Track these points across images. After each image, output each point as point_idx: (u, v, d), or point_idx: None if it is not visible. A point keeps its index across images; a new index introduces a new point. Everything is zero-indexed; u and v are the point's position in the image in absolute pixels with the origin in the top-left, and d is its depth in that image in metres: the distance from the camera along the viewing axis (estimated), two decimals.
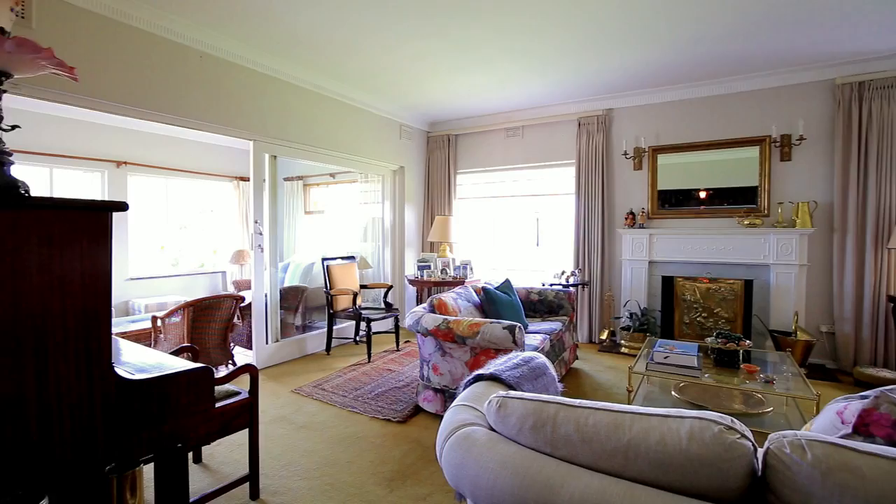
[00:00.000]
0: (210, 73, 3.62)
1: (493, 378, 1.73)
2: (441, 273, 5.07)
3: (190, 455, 2.45)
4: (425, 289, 5.43)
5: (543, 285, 4.42)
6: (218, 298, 3.64)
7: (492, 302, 3.53)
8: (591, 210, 5.09)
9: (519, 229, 5.88)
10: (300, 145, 4.46)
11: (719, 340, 3.01)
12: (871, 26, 3.36)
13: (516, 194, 5.80)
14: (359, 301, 4.70)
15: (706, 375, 2.85)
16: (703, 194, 4.67)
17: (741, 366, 2.94)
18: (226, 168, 6.62)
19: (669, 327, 4.75)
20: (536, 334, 3.37)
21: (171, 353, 2.31)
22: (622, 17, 3.23)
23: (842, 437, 1.12)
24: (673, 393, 3.08)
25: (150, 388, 1.49)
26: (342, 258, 4.93)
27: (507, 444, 1.22)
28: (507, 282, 3.90)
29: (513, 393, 1.35)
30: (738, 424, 1.00)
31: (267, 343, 4.23)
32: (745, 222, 4.36)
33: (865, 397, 1.14)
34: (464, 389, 1.70)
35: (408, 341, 4.98)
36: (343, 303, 4.63)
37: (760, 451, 0.99)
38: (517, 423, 1.24)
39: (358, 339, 4.89)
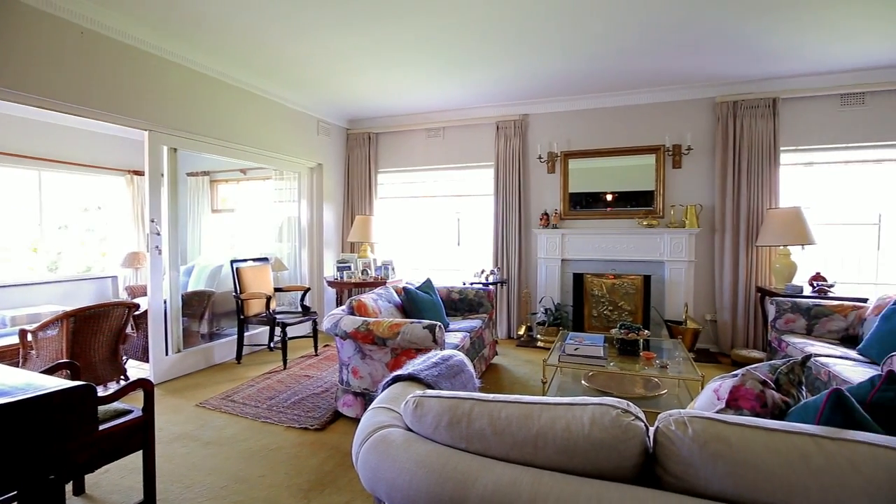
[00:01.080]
0: (93, 53, 3.19)
1: (412, 378, 1.72)
2: (362, 274, 4.97)
3: (70, 486, 2.15)
4: (345, 291, 5.29)
5: (464, 284, 4.50)
6: (106, 307, 3.24)
7: (413, 302, 3.52)
8: (509, 211, 5.28)
9: (441, 229, 5.95)
10: (205, 138, 4.11)
11: (622, 331, 3.27)
12: (742, 56, 3.87)
13: (438, 194, 5.86)
14: (273, 305, 4.45)
15: (611, 364, 3.09)
16: (609, 197, 5.06)
17: (641, 353, 3.22)
18: (117, 161, 5.91)
19: (580, 321, 5.09)
20: (457, 332, 3.42)
21: (44, 372, 2.01)
22: (536, 29, 3.40)
23: (717, 411, 1.27)
24: (583, 382, 3.29)
25: (11, 414, 1.28)
26: (254, 260, 4.63)
27: (424, 443, 1.22)
28: (428, 281, 3.92)
29: (429, 392, 1.35)
30: (632, 408, 1.09)
31: (167, 354, 3.84)
32: (644, 223, 4.80)
33: (735, 376, 1.30)
34: (382, 391, 1.68)
35: (327, 345, 4.81)
36: (255, 307, 4.36)
37: (652, 430, 1.08)
38: (433, 422, 1.24)
39: (273, 345, 4.63)
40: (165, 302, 3.82)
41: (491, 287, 4.46)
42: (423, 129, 5.74)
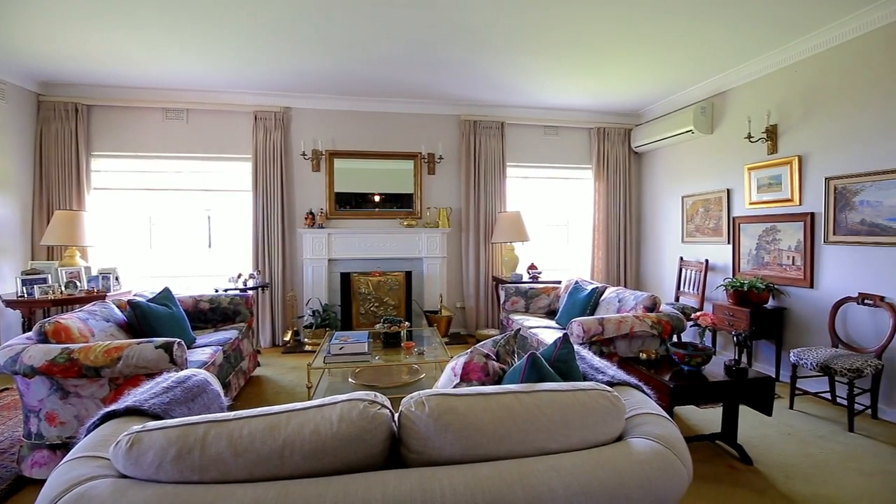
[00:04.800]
0: None
1: (132, 412, 1.40)
2: (66, 288, 3.80)
3: None
4: (36, 311, 3.95)
5: (217, 291, 3.96)
6: None
7: (144, 318, 2.88)
8: (270, 209, 4.92)
9: (187, 229, 5.09)
10: None
11: (385, 325, 3.44)
12: (479, 84, 4.58)
13: (182, 188, 4.99)
14: None
15: (376, 358, 3.21)
16: (377, 198, 5.27)
17: (402, 344, 3.45)
18: None
19: (349, 320, 5.15)
20: (206, 348, 2.97)
21: None
22: (295, 22, 3.23)
23: (454, 386, 1.44)
24: (350, 380, 3.32)
25: None
26: None
27: (144, 487, 1.00)
28: (165, 291, 3.28)
29: (151, 424, 1.11)
30: (379, 397, 1.12)
31: None
32: (405, 223, 5.19)
33: (466, 354, 1.50)
34: (86, 435, 1.31)
35: (7, 388, 3.51)
36: None
37: (398, 415, 1.13)
38: (155, 459, 1.02)
39: None
40: None
41: (250, 292, 4.06)
42: (158, 108, 4.79)
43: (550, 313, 4.51)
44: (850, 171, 3.31)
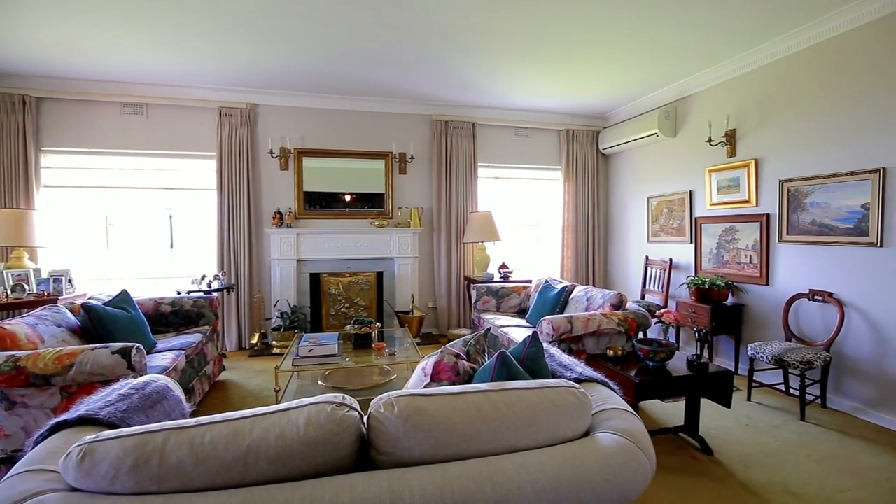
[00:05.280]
0: None
1: (85, 420, 1.33)
2: (13, 291, 3.58)
3: None
4: None
5: (179, 293, 3.82)
6: None
7: (100, 321, 2.75)
8: (236, 208, 4.77)
9: (146, 229, 4.89)
10: None
11: (356, 326, 3.40)
12: (450, 84, 4.57)
13: (141, 186, 4.79)
14: None
15: (347, 359, 3.17)
16: (347, 198, 5.20)
17: (373, 345, 3.42)
18: None
19: (318, 321, 5.06)
20: (167, 352, 2.85)
21: None
22: (259, 17, 3.14)
23: (425, 386, 1.43)
24: (320, 382, 3.26)
25: None
26: None
27: (97, 500, 0.96)
28: (123, 294, 3.13)
29: (105, 434, 1.06)
30: (348, 400, 1.10)
31: None
32: (376, 223, 5.14)
33: (436, 354, 1.50)
34: (33, 448, 1.24)
35: None
36: None
37: (367, 417, 1.12)
38: (111, 470, 0.98)
39: None
40: None
41: (215, 294, 3.93)
42: (116, 102, 4.57)
43: (521, 312, 4.56)
44: (801, 174, 3.49)
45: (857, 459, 2.49)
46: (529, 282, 4.94)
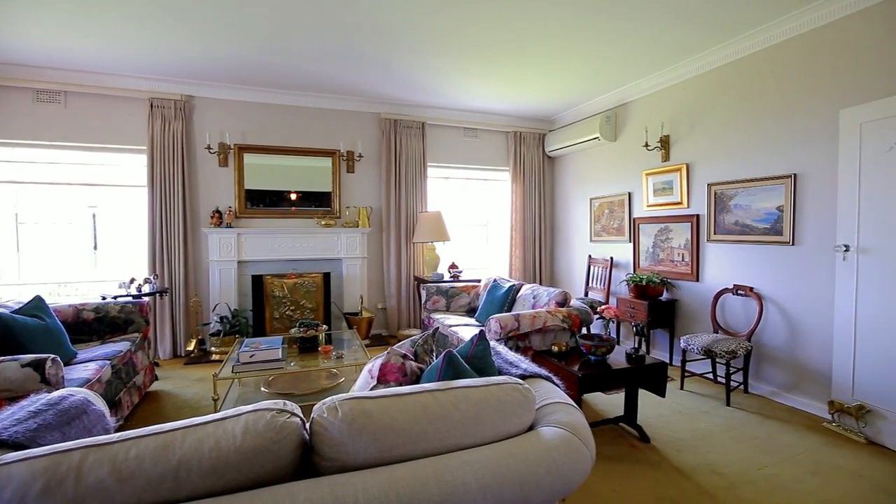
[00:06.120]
0: None
1: None
2: None
3: None
4: None
5: (105, 298, 3.52)
6: None
7: (8, 331, 2.47)
8: (170, 206, 4.47)
9: (66, 229, 4.47)
10: None
11: (301, 329, 3.29)
12: (399, 83, 4.53)
13: (59, 181, 4.37)
14: None
15: (292, 364, 3.05)
16: (293, 196, 5.01)
17: (320, 348, 3.32)
18: None
19: (261, 325, 4.85)
20: (90, 363, 2.62)
21: None
22: (198, 2, 2.96)
23: (371, 388, 1.41)
24: (263, 389, 3.13)
25: None
26: None
27: None
28: (37, 300, 2.84)
29: (9, 456, 0.96)
30: (289, 405, 1.06)
31: None
32: (323, 223, 5.01)
33: (383, 355, 1.48)
34: None
35: None
36: None
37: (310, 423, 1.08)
38: (15, 497, 0.89)
39: None
40: None
41: (146, 299, 3.66)
42: (26, 88, 4.13)
43: (471, 311, 4.61)
44: (726, 178, 3.78)
45: (773, 439, 2.73)
46: (479, 281, 5.00)
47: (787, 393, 3.32)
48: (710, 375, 3.74)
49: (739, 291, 3.61)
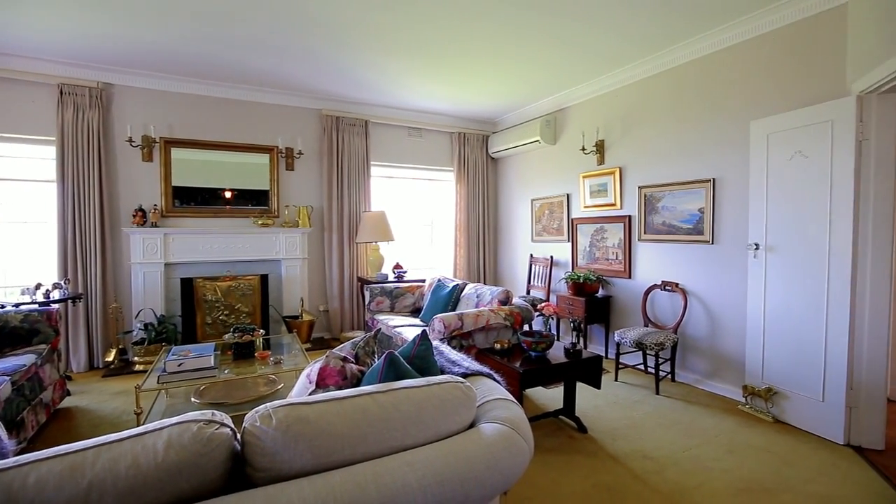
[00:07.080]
0: None
1: None
2: None
3: None
4: None
5: (3, 307, 3.14)
6: None
7: None
8: (84, 204, 4.07)
9: None
10: None
11: (236, 335, 3.12)
12: (342, 79, 4.41)
13: None
14: None
15: (225, 371, 2.89)
16: (228, 194, 4.73)
17: (257, 354, 3.16)
18: None
19: (192, 332, 4.54)
20: None
21: None
22: None
23: (310, 393, 1.35)
24: (193, 399, 2.93)
25: None
26: None
27: None
28: None
29: None
30: (217, 416, 1.00)
31: None
32: (260, 222, 4.78)
33: (322, 359, 1.43)
34: None
35: None
36: None
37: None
38: None
39: None
40: None
41: (55, 306, 3.30)
42: None
43: (415, 311, 4.60)
44: (655, 181, 4.04)
45: (697, 423, 2.95)
46: (423, 281, 4.99)
47: (709, 380, 3.61)
48: (642, 366, 3.98)
49: (667, 287, 3.87)
